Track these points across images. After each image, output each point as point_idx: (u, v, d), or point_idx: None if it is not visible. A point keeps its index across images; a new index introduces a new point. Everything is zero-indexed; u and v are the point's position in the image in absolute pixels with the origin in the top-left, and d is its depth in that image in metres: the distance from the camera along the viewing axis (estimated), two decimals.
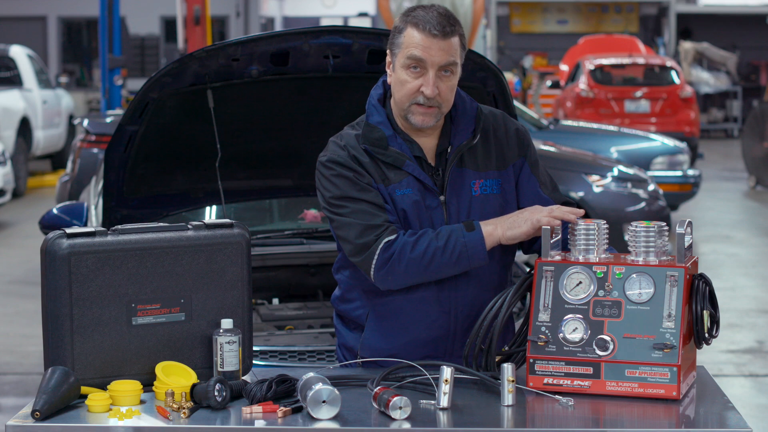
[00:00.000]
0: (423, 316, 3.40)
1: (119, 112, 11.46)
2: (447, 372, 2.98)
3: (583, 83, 18.89)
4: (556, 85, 22.66)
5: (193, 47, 14.57)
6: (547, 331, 3.11)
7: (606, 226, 3.23)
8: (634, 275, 3.10)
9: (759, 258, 11.66)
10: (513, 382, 3.01)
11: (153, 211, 4.90)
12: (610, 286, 3.11)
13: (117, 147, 4.62)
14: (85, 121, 10.62)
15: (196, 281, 3.23)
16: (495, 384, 3.09)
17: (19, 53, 17.61)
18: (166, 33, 28.43)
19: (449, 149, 3.41)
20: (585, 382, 3.08)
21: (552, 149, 10.48)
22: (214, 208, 5.45)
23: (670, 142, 12.68)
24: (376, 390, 2.99)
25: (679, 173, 12.21)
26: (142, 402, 3.06)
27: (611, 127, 14.31)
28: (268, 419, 2.94)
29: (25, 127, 16.36)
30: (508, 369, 3.01)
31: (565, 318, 3.11)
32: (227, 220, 3.31)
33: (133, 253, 3.17)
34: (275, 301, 5.34)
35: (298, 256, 5.37)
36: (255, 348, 4.11)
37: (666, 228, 3.17)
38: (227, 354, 3.17)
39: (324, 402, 2.92)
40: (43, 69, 18.41)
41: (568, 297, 3.12)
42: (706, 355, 7.51)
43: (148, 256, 3.19)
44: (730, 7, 29.50)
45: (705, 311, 3.12)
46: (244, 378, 3.20)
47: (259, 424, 2.92)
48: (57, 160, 18.07)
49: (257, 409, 2.97)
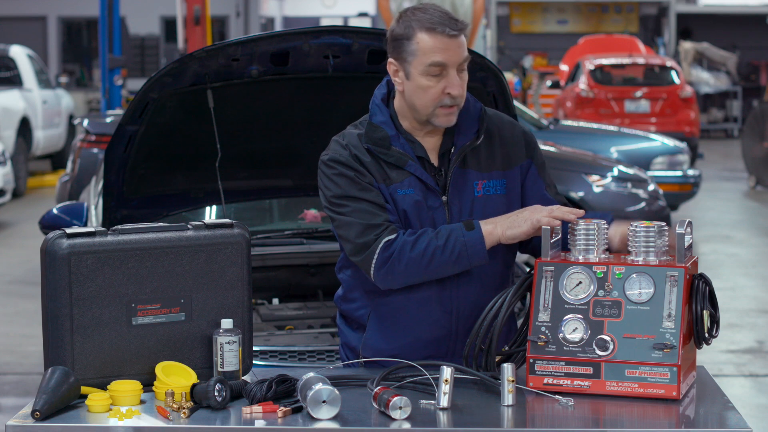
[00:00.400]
0: (425, 316, 3.40)
1: (119, 112, 11.44)
2: (447, 372, 2.98)
3: (583, 83, 18.88)
4: (556, 85, 22.65)
5: (193, 47, 14.56)
6: (547, 331, 3.11)
7: (606, 226, 3.23)
8: (634, 275, 3.10)
9: (759, 258, 11.66)
10: (513, 382, 3.01)
11: (153, 211, 4.90)
12: (610, 286, 3.10)
13: (117, 147, 4.62)
14: (85, 121, 10.61)
15: (196, 281, 3.23)
16: (495, 384, 3.08)
17: (19, 53, 17.60)
18: (166, 33, 28.42)
19: (452, 149, 3.40)
20: (585, 382, 3.08)
21: (552, 149, 10.48)
22: (214, 208, 5.46)
23: (670, 142, 12.68)
24: (376, 390, 2.99)
25: (679, 173, 12.21)
26: (142, 402, 3.06)
27: (611, 127, 14.30)
28: (268, 419, 2.94)
29: (25, 127, 16.36)
30: (508, 369, 3.01)
31: (565, 318, 3.10)
32: (227, 220, 3.31)
33: (133, 253, 3.17)
34: (275, 301, 5.34)
35: (298, 256, 5.37)
36: (255, 348, 4.10)
37: (666, 228, 3.16)
38: (227, 354, 3.17)
39: (324, 402, 2.92)
40: (43, 69, 18.40)
41: (568, 297, 3.12)
42: (706, 355, 7.50)
43: (148, 256, 3.18)
44: (730, 7, 29.48)
45: (705, 311, 3.12)
46: (244, 378, 3.20)
47: (259, 424, 2.92)
48: (57, 160, 18.06)
49: (257, 409, 2.97)
